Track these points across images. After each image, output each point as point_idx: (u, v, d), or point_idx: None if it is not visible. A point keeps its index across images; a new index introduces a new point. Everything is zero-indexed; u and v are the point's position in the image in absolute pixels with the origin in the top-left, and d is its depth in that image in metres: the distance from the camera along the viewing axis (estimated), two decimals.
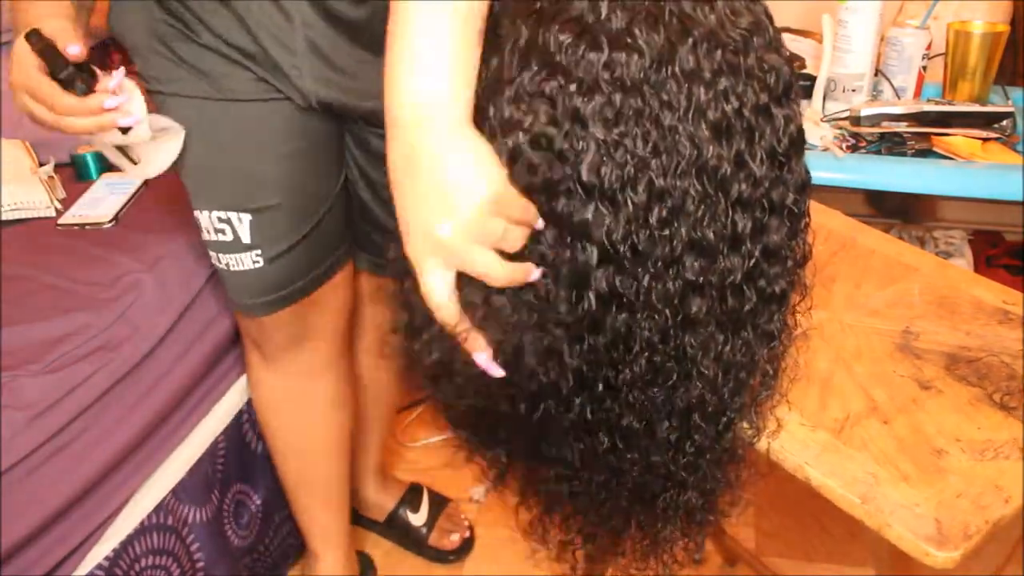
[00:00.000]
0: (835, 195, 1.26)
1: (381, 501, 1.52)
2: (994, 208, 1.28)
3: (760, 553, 1.47)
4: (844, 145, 1.29)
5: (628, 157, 0.57)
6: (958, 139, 1.28)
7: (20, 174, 1.36)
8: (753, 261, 0.62)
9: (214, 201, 1.01)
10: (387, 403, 1.45)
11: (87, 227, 1.28)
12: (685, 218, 0.59)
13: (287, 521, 1.39)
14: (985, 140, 1.29)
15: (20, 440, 0.95)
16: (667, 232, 0.58)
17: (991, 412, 0.75)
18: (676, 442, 0.68)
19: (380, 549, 1.51)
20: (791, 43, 1.51)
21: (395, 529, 1.51)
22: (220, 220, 1.01)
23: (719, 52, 0.57)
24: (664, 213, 0.58)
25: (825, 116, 1.36)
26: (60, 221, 1.30)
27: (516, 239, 0.59)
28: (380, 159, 1.00)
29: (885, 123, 1.30)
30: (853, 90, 1.38)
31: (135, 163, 0.94)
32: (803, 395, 0.78)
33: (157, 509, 1.14)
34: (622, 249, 0.58)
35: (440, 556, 1.48)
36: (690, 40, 0.56)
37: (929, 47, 1.40)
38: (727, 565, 1.45)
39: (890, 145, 1.29)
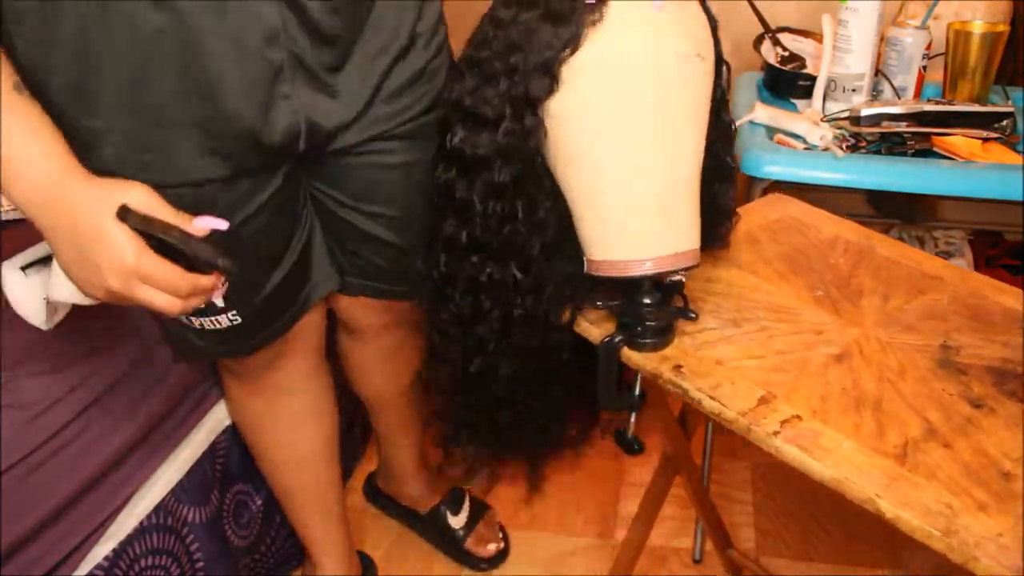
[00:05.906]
0: (835, 195, 1.26)
1: (425, 495, 1.51)
2: (994, 208, 1.28)
3: (760, 553, 1.48)
4: (844, 145, 1.29)
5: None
6: (958, 139, 1.28)
7: None
8: None
9: None
10: (409, 409, 1.40)
11: None
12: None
13: (288, 522, 1.38)
14: (985, 140, 1.29)
15: (20, 440, 0.95)
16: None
17: None
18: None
19: (380, 549, 1.51)
20: (791, 43, 1.51)
21: (434, 527, 1.50)
22: None
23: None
24: None
25: (825, 116, 1.36)
26: None
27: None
28: (347, 171, 0.98)
29: (885, 123, 1.30)
30: (853, 90, 1.38)
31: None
32: (857, 419, 0.75)
33: (157, 509, 1.13)
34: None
35: (474, 563, 1.47)
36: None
37: (929, 47, 1.40)
38: (727, 571, 1.45)
39: (890, 145, 1.29)
